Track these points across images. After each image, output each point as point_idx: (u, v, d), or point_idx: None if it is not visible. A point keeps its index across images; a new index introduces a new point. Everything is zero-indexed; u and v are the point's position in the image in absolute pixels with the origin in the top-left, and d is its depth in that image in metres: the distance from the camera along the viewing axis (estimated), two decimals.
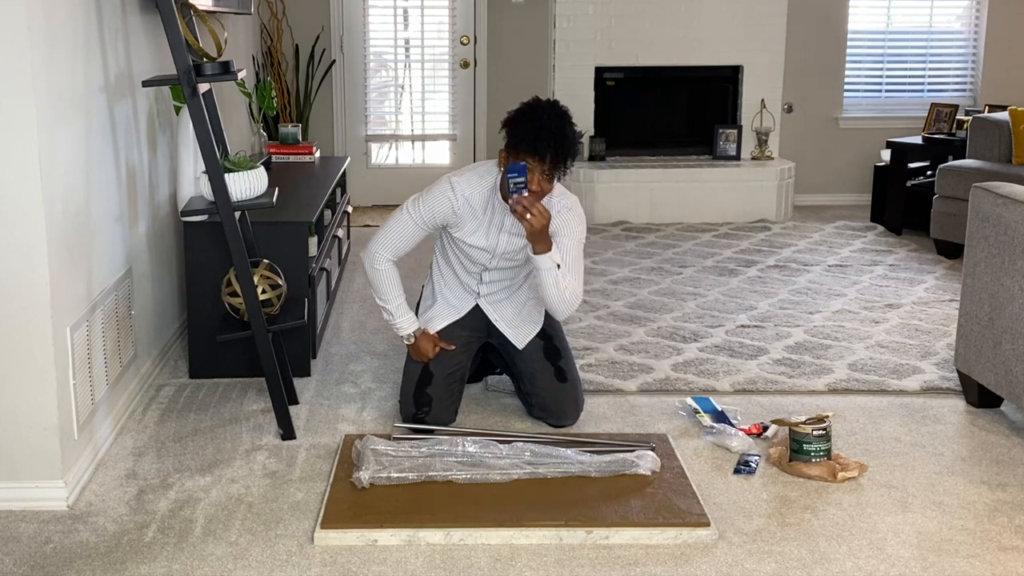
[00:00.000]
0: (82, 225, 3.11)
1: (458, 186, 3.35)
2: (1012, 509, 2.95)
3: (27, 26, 2.66)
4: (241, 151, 3.91)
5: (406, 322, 3.45)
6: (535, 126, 3.19)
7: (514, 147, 3.22)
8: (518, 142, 3.20)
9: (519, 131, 3.21)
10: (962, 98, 7.63)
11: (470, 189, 3.35)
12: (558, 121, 3.21)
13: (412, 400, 3.42)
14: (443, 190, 3.36)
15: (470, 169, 3.43)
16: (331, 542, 2.71)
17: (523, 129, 3.20)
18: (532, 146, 3.17)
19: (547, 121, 3.19)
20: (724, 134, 7.18)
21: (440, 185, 3.38)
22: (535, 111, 3.24)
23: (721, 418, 3.50)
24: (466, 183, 3.36)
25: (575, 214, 3.40)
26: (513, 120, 3.26)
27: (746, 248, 6.13)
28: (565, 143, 3.20)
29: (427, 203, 3.36)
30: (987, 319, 3.53)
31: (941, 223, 5.90)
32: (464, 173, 3.40)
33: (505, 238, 3.39)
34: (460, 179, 3.37)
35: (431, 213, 3.36)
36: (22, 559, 2.63)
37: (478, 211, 3.37)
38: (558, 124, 3.20)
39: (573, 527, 2.74)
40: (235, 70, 3.32)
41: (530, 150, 3.18)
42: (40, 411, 2.86)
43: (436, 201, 3.35)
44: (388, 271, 3.42)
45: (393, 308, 3.44)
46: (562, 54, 7.02)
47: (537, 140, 3.17)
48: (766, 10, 7.07)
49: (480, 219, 3.37)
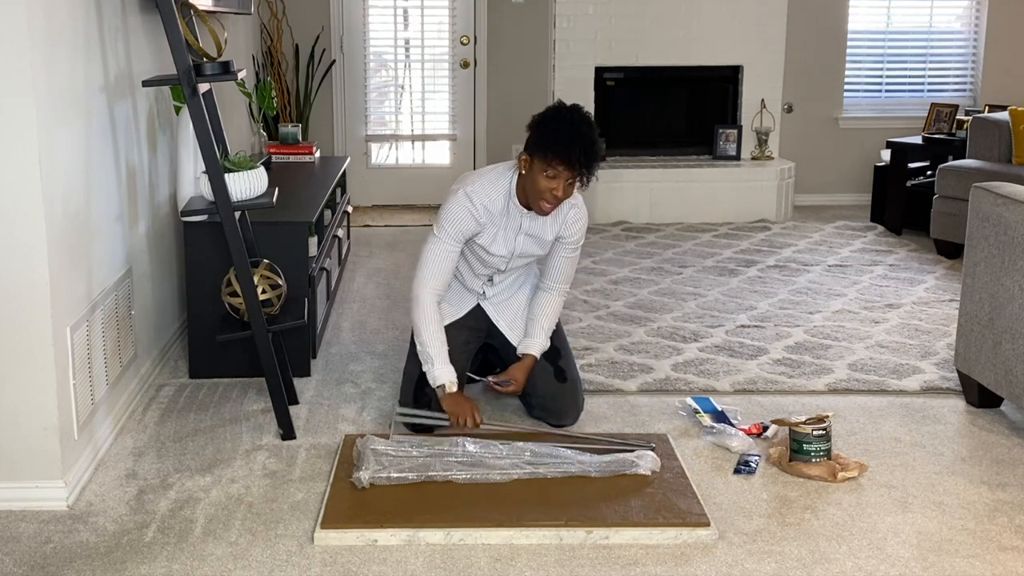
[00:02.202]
0: (82, 225, 3.11)
1: (475, 195, 3.30)
2: (1012, 509, 2.95)
3: (27, 26, 2.66)
4: (241, 151, 3.91)
5: (442, 372, 3.30)
6: (568, 133, 3.13)
7: (544, 150, 3.15)
8: (549, 146, 3.14)
9: (551, 136, 3.15)
10: (962, 98, 7.63)
11: (487, 196, 3.32)
12: (588, 129, 3.16)
13: (412, 401, 3.42)
14: (461, 203, 3.30)
15: (480, 175, 3.38)
16: (331, 542, 2.71)
17: (555, 135, 3.14)
18: (565, 153, 3.12)
19: (579, 128, 3.15)
20: (724, 134, 7.18)
21: (456, 199, 3.31)
22: (567, 116, 3.18)
23: (721, 418, 3.50)
24: (481, 191, 3.32)
25: (582, 219, 3.44)
26: (543, 124, 3.20)
27: (746, 248, 6.13)
28: (595, 153, 3.16)
29: (449, 221, 3.30)
30: (987, 319, 3.53)
31: (941, 223, 5.90)
32: (476, 181, 3.35)
33: (523, 239, 3.40)
34: (474, 188, 3.32)
35: (457, 229, 3.30)
36: (22, 559, 2.63)
37: (497, 217, 3.34)
38: (588, 131, 3.15)
39: (573, 527, 2.74)
40: (235, 70, 3.32)
41: (563, 156, 3.13)
42: (40, 411, 2.86)
43: (457, 216, 3.30)
44: (433, 313, 3.32)
45: (433, 353, 3.30)
46: (562, 54, 7.02)
47: (571, 147, 3.11)
48: (766, 10, 7.06)
49: (499, 224, 3.36)
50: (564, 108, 3.24)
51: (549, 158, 3.15)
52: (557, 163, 3.14)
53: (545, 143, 3.16)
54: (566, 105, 3.25)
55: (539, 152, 3.18)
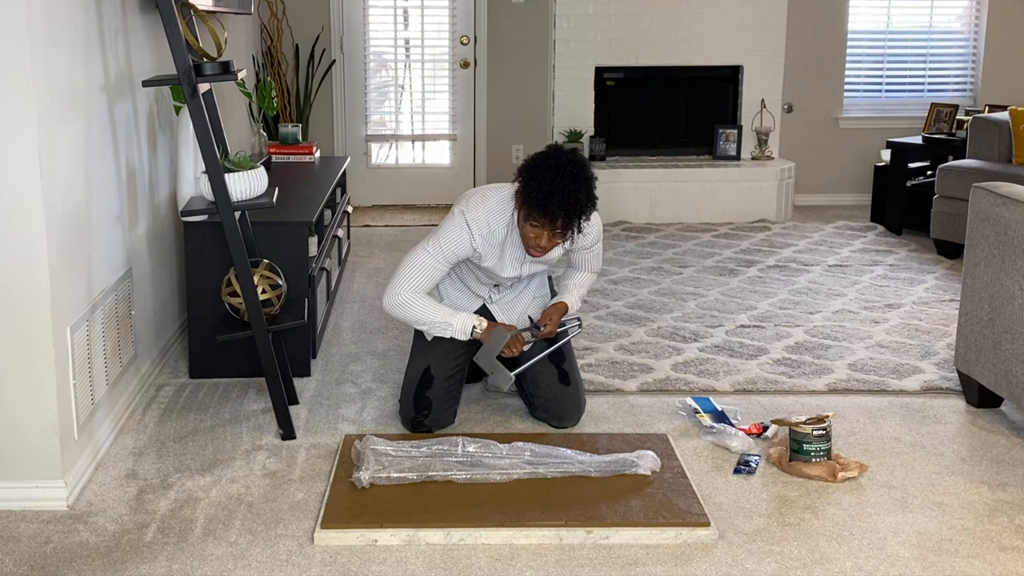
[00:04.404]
0: (82, 225, 3.11)
1: (474, 225, 3.27)
2: (1012, 509, 2.95)
3: (27, 26, 2.66)
4: (241, 151, 3.92)
5: (463, 322, 3.32)
6: (549, 186, 3.07)
7: (525, 202, 3.13)
8: (529, 198, 3.11)
9: (532, 188, 3.10)
10: (962, 98, 7.63)
11: (486, 228, 3.29)
12: (572, 182, 3.08)
13: (412, 403, 3.42)
14: (459, 228, 3.27)
15: (483, 201, 3.32)
16: (331, 542, 2.71)
17: (535, 190, 3.09)
18: (542, 208, 3.09)
19: (561, 182, 3.07)
20: (724, 134, 7.18)
21: (455, 223, 3.28)
22: (552, 167, 3.10)
23: (721, 418, 3.50)
24: (482, 221, 3.29)
25: (596, 230, 3.46)
26: (528, 172, 3.14)
27: (746, 248, 6.13)
28: (577, 207, 3.09)
29: (447, 241, 3.28)
30: (987, 319, 3.53)
31: (941, 223, 5.90)
32: (476, 208, 3.30)
33: (529, 265, 3.43)
34: (475, 215, 3.28)
35: (452, 251, 3.29)
36: (22, 559, 2.63)
37: (496, 247, 3.34)
38: (571, 185, 3.07)
39: (573, 527, 2.74)
40: (235, 70, 3.32)
41: (540, 211, 3.09)
42: (40, 411, 2.86)
43: (455, 240, 3.28)
44: (422, 299, 3.33)
45: (442, 319, 3.31)
46: (562, 54, 7.03)
47: (547, 203, 3.07)
48: (766, 10, 7.07)
49: (501, 253, 3.35)
50: (552, 155, 3.15)
51: (529, 210, 3.13)
52: (536, 215, 3.12)
53: (526, 194, 3.12)
54: (556, 151, 3.17)
55: (522, 201, 3.16)
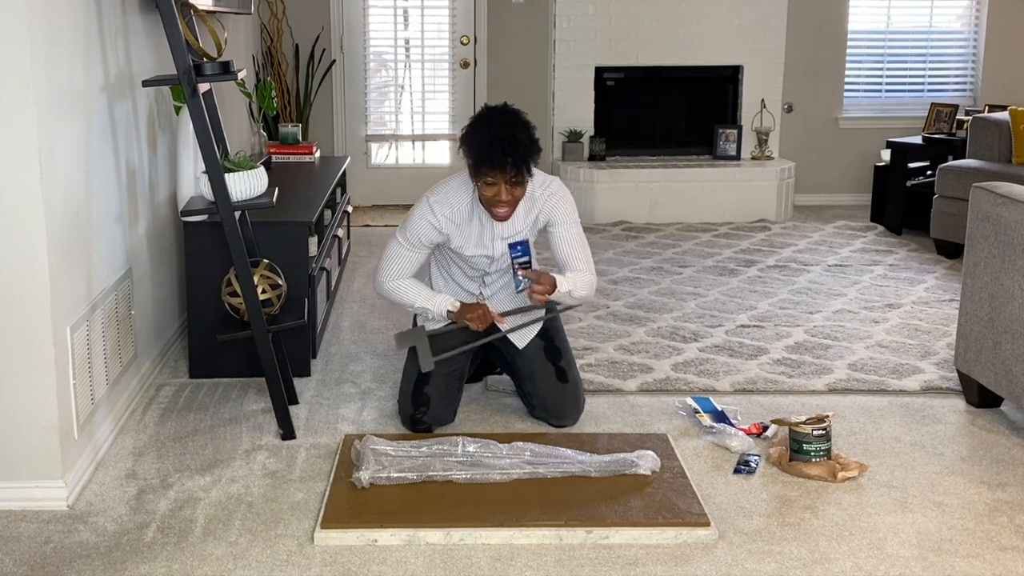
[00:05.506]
0: (82, 225, 3.11)
1: (436, 206, 3.37)
2: (1012, 509, 2.95)
3: (27, 26, 2.66)
4: (241, 151, 3.91)
5: (439, 302, 3.42)
6: (487, 137, 3.16)
7: (472, 161, 3.21)
8: (473, 156, 3.20)
9: (473, 146, 3.20)
10: (962, 98, 7.63)
11: (449, 207, 3.37)
12: (507, 128, 3.17)
13: (411, 399, 3.42)
14: (422, 213, 3.38)
15: (445, 184, 3.43)
16: (331, 542, 2.71)
17: (476, 143, 3.19)
18: (488, 158, 3.16)
19: (496, 129, 3.17)
20: (724, 134, 7.18)
21: (419, 208, 3.40)
22: (485, 122, 3.21)
23: (721, 418, 3.50)
24: (444, 201, 3.38)
25: (563, 197, 3.44)
26: (467, 138, 3.24)
27: (746, 248, 6.13)
28: (520, 148, 3.17)
29: (411, 228, 3.40)
30: (987, 319, 3.53)
31: (941, 223, 5.90)
32: (439, 190, 3.41)
33: (499, 244, 3.41)
34: (437, 198, 3.39)
35: (417, 236, 3.39)
36: (22, 559, 2.63)
37: (463, 225, 3.39)
38: (508, 131, 3.16)
39: (573, 527, 2.74)
40: (235, 70, 3.32)
41: (487, 162, 3.17)
42: (40, 411, 2.86)
43: (418, 224, 3.38)
44: (405, 282, 3.45)
45: (422, 304, 3.43)
46: (562, 54, 7.03)
47: (490, 153, 3.15)
48: (766, 10, 7.07)
49: (468, 232, 3.39)
50: (483, 112, 3.27)
51: (478, 167, 3.20)
52: (486, 170, 3.18)
53: (470, 154, 3.21)
54: (489, 108, 3.28)
55: (471, 164, 3.23)
